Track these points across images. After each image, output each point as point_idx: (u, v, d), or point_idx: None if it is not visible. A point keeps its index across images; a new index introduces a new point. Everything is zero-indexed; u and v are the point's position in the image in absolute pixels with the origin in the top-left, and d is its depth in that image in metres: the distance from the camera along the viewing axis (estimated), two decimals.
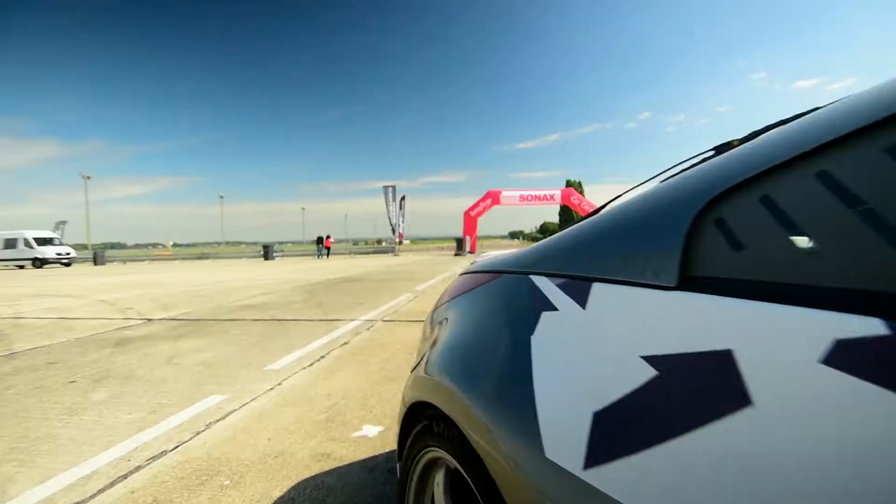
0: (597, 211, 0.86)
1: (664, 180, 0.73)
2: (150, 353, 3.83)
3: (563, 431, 0.56)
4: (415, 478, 0.98)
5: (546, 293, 0.75)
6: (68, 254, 26.96)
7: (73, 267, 25.50)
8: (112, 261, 30.72)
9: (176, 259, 32.81)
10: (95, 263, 28.37)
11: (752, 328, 0.43)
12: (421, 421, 0.95)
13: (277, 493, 1.65)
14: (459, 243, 25.41)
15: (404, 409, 1.04)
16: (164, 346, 4.09)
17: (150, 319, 5.64)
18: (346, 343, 4.07)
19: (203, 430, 2.22)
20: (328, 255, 28.14)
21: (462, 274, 1.28)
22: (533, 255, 0.91)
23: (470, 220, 25.90)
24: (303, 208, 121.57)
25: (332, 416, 2.38)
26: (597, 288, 0.65)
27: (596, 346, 0.59)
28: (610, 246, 0.70)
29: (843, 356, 0.35)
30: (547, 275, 0.79)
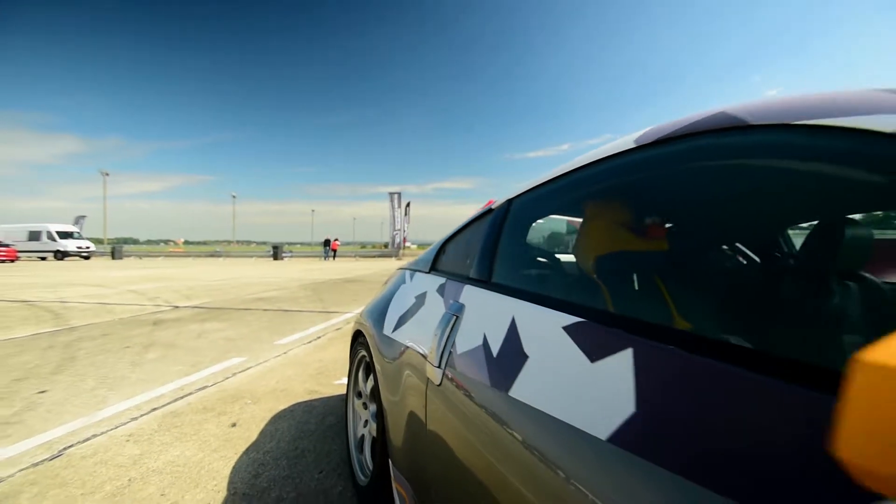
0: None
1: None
2: (183, 331, 4.80)
3: (389, 322, 1.49)
4: (353, 365, 1.94)
5: (405, 277, 1.69)
6: (88, 247, 28.30)
7: (92, 260, 26.76)
8: (128, 255, 32.07)
9: (189, 256, 34.11)
10: (113, 257, 29.68)
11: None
12: (357, 338, 1.90)
13: (282, 407, 2.58)
14: None
15: (352, 332, 1.99)
16: (193, 326, 5.06)
17: (176, 307, 6.63)
18: (338, 329, 5.01)
19: (231, 377, 3.16)
20: (335, 256, 29.21)
21: (397, 269, 2.21)
22: (410, 262, 1.84)
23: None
24: (312, 210, 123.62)
25: (321, 371, 3.31)
26: (409, 272, 1.59)
27: (407, 295, 1.53)
28: (422, 258, 1.64)
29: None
30: (409, 269, 1.73)
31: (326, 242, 29.72)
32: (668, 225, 1.09)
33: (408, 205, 32.10)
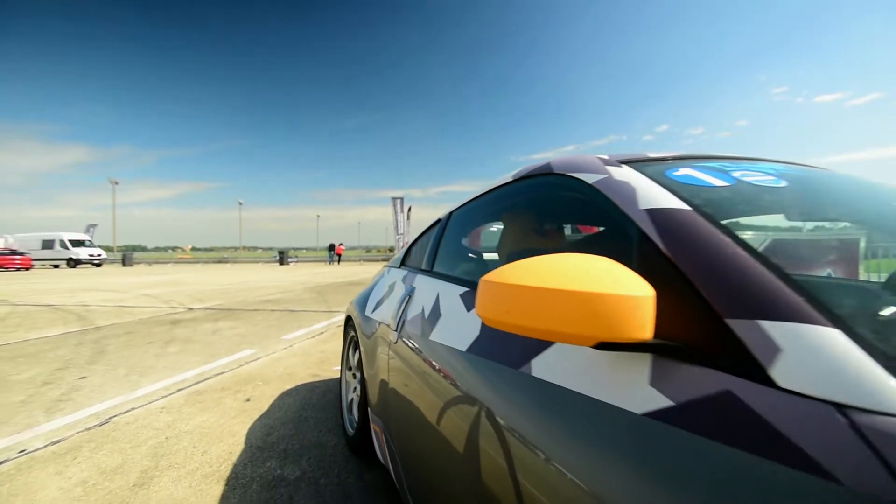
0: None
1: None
2: (198, 329, 5.26)
3: (369, 306, 1.94)
4: (345, 345, 2.38)
5: (384, 272, 2.12)
6: (99, 255, 29.02)
7: (104, 267, 27.46)
8: (138, 263, 32.80)
9: (198, 262, 34.81)
10: (124, 264, 30.41)
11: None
12: (348, 322, 2.33)
13: (289, 387, 3.01)
14: None
15: (343, 318, 2.43)
16: (207, 325, 5.52)
17: (190, 308, 7.11)
18: (340, 326, 5.45)
19: (244, 365, 3.61)
20: (339, 261, 29.74)
21: (382, 266, 2.64)
22: (392, 260, 2.28)
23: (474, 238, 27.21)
24: (318, 215, 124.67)
25: (323, 361, 3.74)
26: (388, 268, 2.03)
27: (383, 285, 1.96)
28: (397, 256, 2.07)
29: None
30: (388, 266, 2.16)
31: (331, 247, 30.28)
32: (564, 228, 1.52)
33: (409, 209, 32.61)
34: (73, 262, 27.69)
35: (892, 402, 0.36)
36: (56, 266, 28.30)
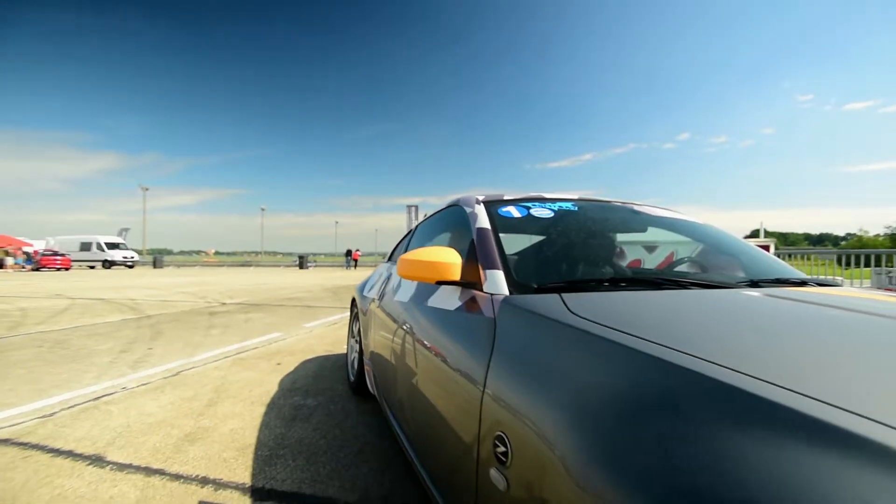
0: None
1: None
2: (233, 318, 6.19)
3: (366, 289, 2.77)
4: (351, 319, 3.22)
5: (380, 267, 2.96)
6: (133, 257, 30.80)
7: (136, 269, 29.13)
8: (167, 265, 34.58)
9: (223, 265, 36.47)
10: (154, 267, 32.17)
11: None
12: (353, 302, 3.18)
13: (309, 357, 3.87)
14: None
15: (350, 300, 3.27)
16: (240, 316, 6.45)
17: (224, 303, 8.09)
18: None
19: (273, 343, 4.48)
20: (356, 266, 30.85)
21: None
22: (387, 258, 3.11)
23: None
24: (336, 222, 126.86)
25: (336, 342, 4.60)
26: (383, 264, 2.86)
27: (377, 274, 2.80)
28: (390, 255, 2.91)
29: (393, 266, 2.50)
30: (383, 262, 3.00)
31: (348, 253, 31.45)
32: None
33: (426, 216, 33.58)
34: (109, 264, 29.46)
35: (502, 291, 1.15)
36: (92, 267, 30.14)
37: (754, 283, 1.26)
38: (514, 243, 1.57)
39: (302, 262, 31.57)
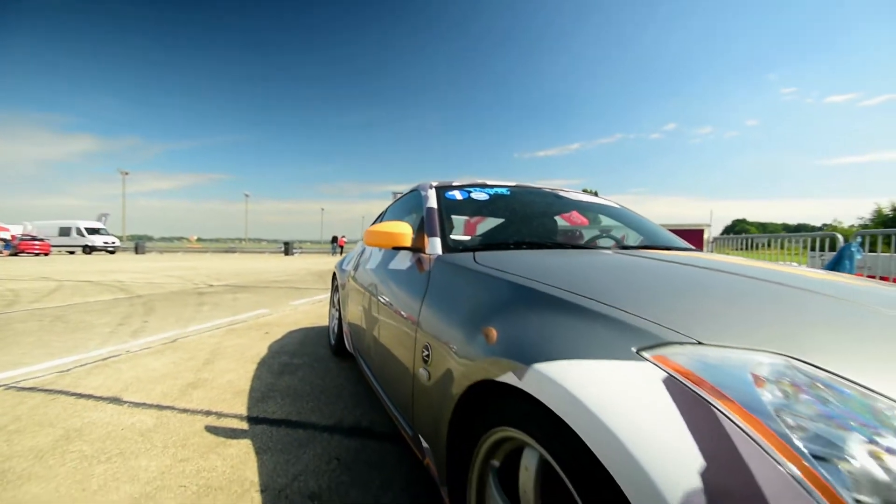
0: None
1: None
2: (222, 298, 6.52)
3: (346, 263, 3.17)
4: (332, 290, 3.62)
5: (358, 245, 3.34)
6: (113, 242, 30.36)
7: (117, 254, 28.81)
8: (149, 251, 34.24)
9: (207, 251, 36.27)
10: (136, 252, 31.83)
11: None
12: (334, 276, 3.57)
13: (295, 328, 4.26)
14: None
15: (332, 275, 3.66)
16: (228, 296, 6.78)
17: (211, 285, 8.38)
18: None
19: (261, 318, 4.85)
20: (342, 252, 31.08)
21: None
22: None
23: (469, 226, 28.41)
24: (322, 209, 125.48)
25: (320, 316, 4.99)
26: (360, 242, 3.25)
27: (355, 251, 3.18)
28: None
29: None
30: (361, 241, 3.38)
31: (334, 239, 31.67)
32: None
33: None
34: (89, 249, 29.00)
35: (437, 252, 1.56)
36: (72, 252, 29.60)
37: (624, 247, 1.69)
38: (483, 225, 2.01)
39: (287, 249, 31.64)
